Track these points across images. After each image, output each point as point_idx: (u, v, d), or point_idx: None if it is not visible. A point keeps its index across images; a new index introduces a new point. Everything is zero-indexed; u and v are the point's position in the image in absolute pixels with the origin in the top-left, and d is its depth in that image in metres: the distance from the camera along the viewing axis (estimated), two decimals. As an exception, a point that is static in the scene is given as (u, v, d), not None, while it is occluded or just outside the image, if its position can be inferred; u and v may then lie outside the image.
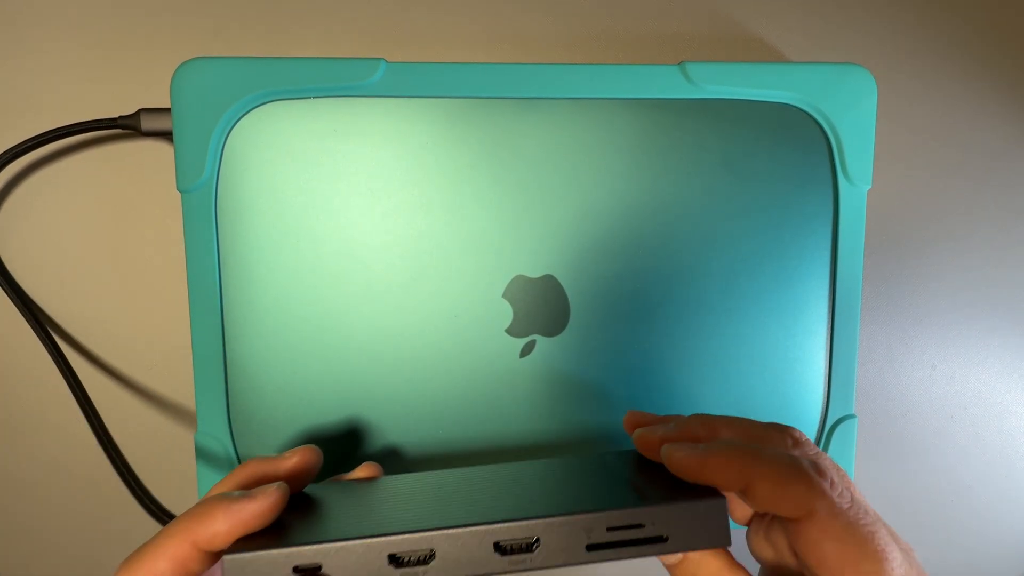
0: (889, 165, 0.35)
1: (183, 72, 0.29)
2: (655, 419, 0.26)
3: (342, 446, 0.31)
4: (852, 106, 0.31)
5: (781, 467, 0.20)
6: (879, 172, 0.35)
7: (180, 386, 0.33)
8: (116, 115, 0.31)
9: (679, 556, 0.23)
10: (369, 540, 0.20)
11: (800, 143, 0.31)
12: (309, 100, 0.29)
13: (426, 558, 0.20)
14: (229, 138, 0.29)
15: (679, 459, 0.21)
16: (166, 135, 0.30)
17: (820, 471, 0.21)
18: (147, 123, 0.30)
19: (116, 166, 0.33)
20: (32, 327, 0.31)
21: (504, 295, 0.31)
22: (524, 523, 0.20)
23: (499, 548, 0.20)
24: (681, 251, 0.31)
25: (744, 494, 0.21)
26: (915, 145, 0.36)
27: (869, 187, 0.32)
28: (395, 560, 0.20)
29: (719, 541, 0.21)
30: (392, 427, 0.31)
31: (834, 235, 0.32)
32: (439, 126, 0.30)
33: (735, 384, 0.32)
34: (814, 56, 0.35)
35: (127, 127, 0.30)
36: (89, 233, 0.33)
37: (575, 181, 0.31)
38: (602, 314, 0.31)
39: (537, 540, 0.20)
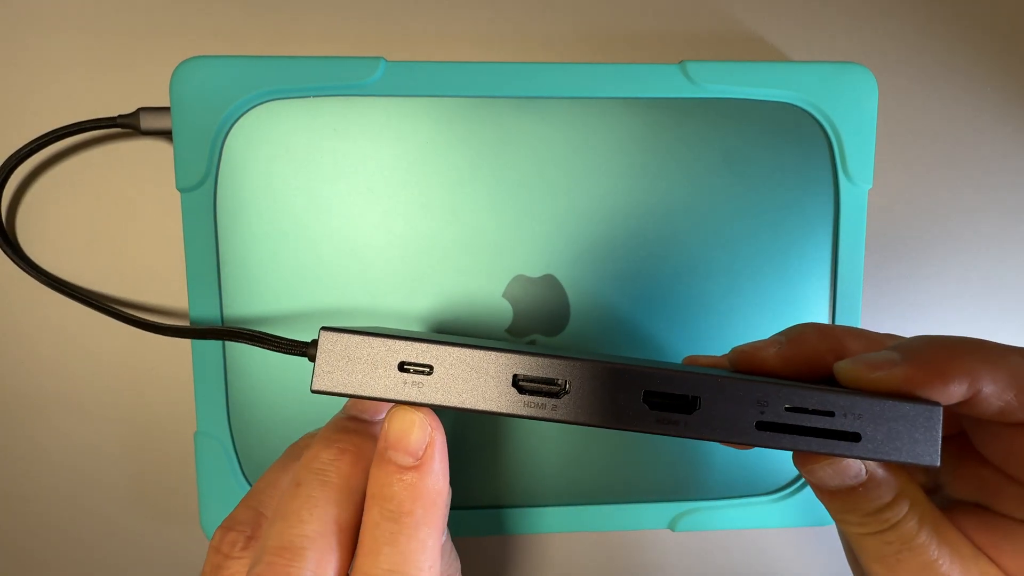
0: (890, 165, 0.35)
1: (182, 71, 0.29)
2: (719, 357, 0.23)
3: (342, 446, 0.31)
4: (853, 105, 0.31)
5: (1018, 365, 0.17)
6: (880, 172, 0.35)
7: (179, 386, 0.33)
8: (115, 114, 0.31)
9: (856, 474, 0.18)
10: (494, 352, 0.17)
11: (801, 142, 0.31)
12: (309, 99, 0.29)
13: (558, 391, 0.17)
14: (228, 137, 0.29)
15: (878, 376, 0.17)
16: (165, 134, 0.30)
17: None
18: (146, 122, 0.30)
19: (115, 165, 0.33)
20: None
21: (504, 295, 0.31)
22: (690, 376, 0.16)
23: (649, 399, 0.16)
24: (681, 251, 0.31)
25: (963, 404, 0.17)
26: (916, 145, 0.36)
27: (870, 186, 0.32)
28: (519, 384, 0.17)
29: (926, 456, 0.16)
30: (392, 427, 0.31)
31: (835, 235, 0.32)
32: (439, 126, 0.30)
33: (735, 384, 0.32)
34: (815, 55, 0.35)
35: (126, 126, 0.30)
36: (88, 233, 0.33)
37: (575, 181, 0.30)
38: (602, 314, 0.31)
39: (699, 401, 0.16)
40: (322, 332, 0.18)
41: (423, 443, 0.19)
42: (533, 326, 0.31)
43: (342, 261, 0.30)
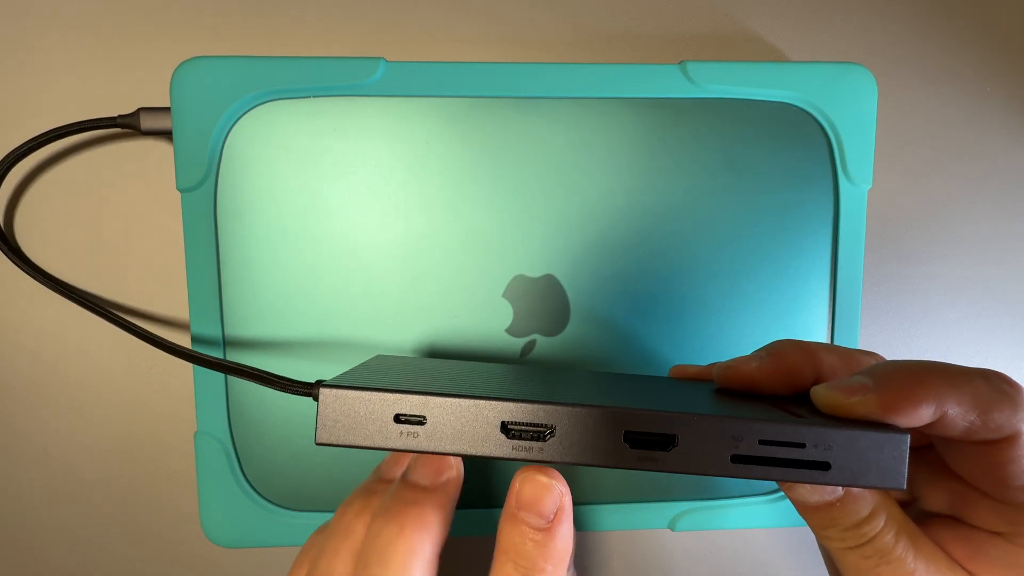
0: (890, 165, 0.35)
1: (183, 71, 0.29)
2: (707, 368, 0.24)
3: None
4: (853, 105, 0.31)
5: (979, 387, 0.18)
6: (879, 172, 0.35)
7: (179, 386, 0.33)
8: (115, 114, 0.31)
9: (833, 490, 0.20)
10: (482, 401, 0.18)
11: (801, 142, 0.31)
12: (309, 99, 0.29)
13: (543, 434, 0.18)
14: (229, 137, 0.29)
15: (853, 402, 0.18)
16: (166, 134, 0.30)
17: (1010, 383, 0.19)
18: (147, 122, 0.30)
19: (115, 166, 0.33)
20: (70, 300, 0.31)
21: (504, 295, 0.31)
22: (666, 416, 0.18)
23: (630, 439, 0.18)
24: (681, 250, 0.31)
25: (930, 425, 0.18)
26: (916, 145, 0.36)
27: (870, 186, 0.32)
28: (507, 429, 0.18)
29: (893, 481, 0.17)
30: (392, 427, 0.31)
31: (834, 235, 0.32)
32: (439, 126, 0.30)
33: (735, 384, 0.32)
34: (815, 55, 0.35)
35: (126, 126, 0.30)
36: (88, 233, 0.33)
37: (576, 181, 0.30)
38: (602, 314, 0.31)
39: (676, 439, 0.18)
40: (321, 390, 0.19)
41: (554, 507, 0.20)
42: (533, 326, 0.31)
43: (342, 261, 0.30)
